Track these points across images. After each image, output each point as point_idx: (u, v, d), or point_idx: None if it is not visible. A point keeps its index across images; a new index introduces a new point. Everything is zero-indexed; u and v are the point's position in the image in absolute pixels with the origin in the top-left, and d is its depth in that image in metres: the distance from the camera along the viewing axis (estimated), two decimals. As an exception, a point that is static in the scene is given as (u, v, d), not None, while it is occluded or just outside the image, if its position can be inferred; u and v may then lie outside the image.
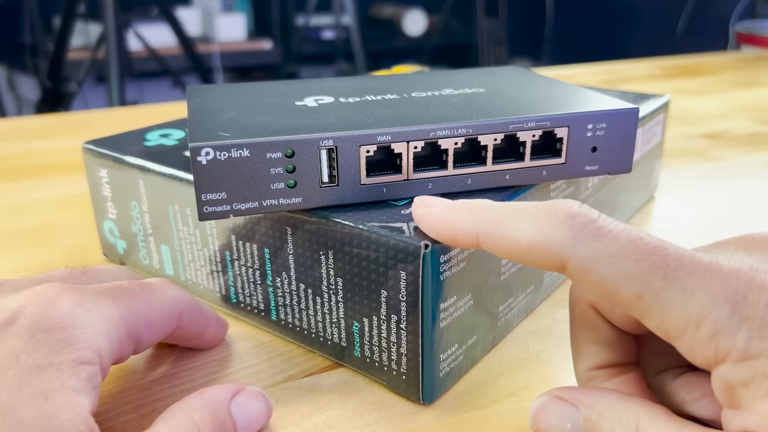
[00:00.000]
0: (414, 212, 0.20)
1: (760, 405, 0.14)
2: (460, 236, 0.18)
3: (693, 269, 0.15)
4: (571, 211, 0.16)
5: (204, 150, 0.19)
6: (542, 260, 0.16)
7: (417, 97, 0.25)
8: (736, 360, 0.14)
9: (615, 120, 0.23)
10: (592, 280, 0.16)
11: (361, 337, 0.22)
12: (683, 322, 0.15)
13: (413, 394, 0.21)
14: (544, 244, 0.16)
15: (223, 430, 0.19)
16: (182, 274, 0.27)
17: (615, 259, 0.15)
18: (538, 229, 0.16)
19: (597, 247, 0.15)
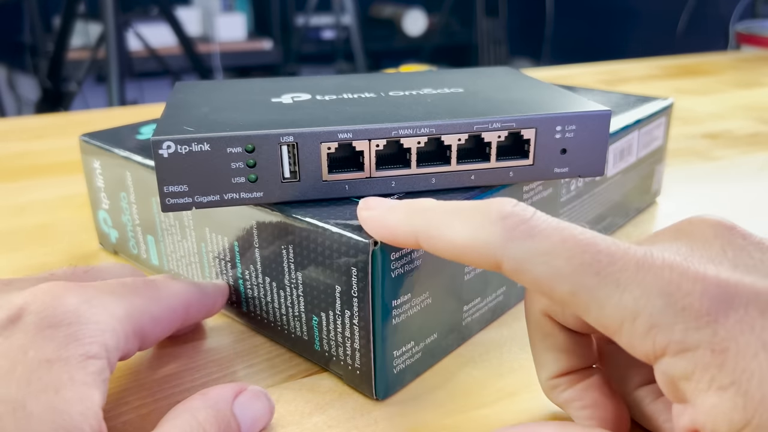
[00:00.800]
0: (358, 215, 0.20)
1: (704, 398, 0.13)
2: (401, 237, 0.18)
3: (625, 264, 0.15)
4: (504, 211, 0.16)
5: (165, 143, 0.20)
6: (477, 260, 0.16)
7: (393, 96, 0.25)
8: (674, 353, 0.14)
9: (585, 122, 0.22)
10: (526, 280, 0.16)
11: (320, 331, 0.22)
12: (618, 317, 0.14)
13: (366, 390, 0.21)
14: (477, 244, 0.16)
15: (227, 430, 0.19)
16: (165, 264, 0.28)
17: (547, 258, 0.15)
18: (472, 230, 0.16)
19: (528, 247, 0.15)
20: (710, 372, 0.13)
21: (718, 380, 0.13)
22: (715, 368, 0.13)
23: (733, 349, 0.13)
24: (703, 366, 0.13)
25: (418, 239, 0.18)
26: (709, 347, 0.13)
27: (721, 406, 0.13)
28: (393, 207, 0.19)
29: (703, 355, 0.13)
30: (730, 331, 0.13)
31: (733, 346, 0.13)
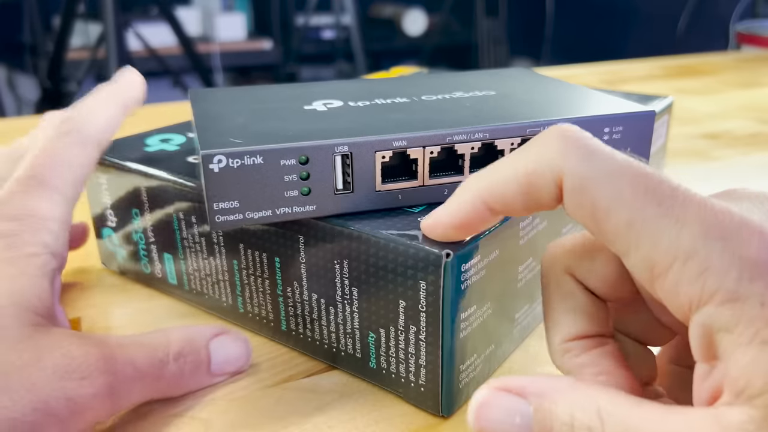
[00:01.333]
0: (423, 227, 0.19)
1: (741, 353, 0.13)
2: (471, 214, 0.17)
3: (687, 200, 0.14)
4: (563, 128, 0.15)
5: (216, 157, 0.19)
6: (543, 187, 0.15)
7: (428, 100, 0.24)
8: (722, 301, 0.13)
9: (631, 123, 0.22)
10: (584, 202, 0.15)
11: (377, 349, 0.21)
12: (671, 254, 0.13)
13: (432, 407, 0.21)
14: (540, 166, 0.15)
15: (193, 353, 0.21)
16: (186, 283, 0.27)
17: (611, 178, 0.14)
18: (532, 154, 0.16)
19: (592, 164, 0.15)
20: (755, 325, 0.13)
21: (762, 334, 0.13)
22: (761, 322, 0.13)
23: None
24: (749, 318, 0.13)
25: (485, 201, 0.17)
26: (760, 299, 0.13)
27: (761, 362, 0.12)
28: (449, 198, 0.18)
29: (752, 307, 0.13)
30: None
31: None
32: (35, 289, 0.19)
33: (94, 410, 0.18)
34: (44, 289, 0.19)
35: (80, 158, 0.22)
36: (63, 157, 0.22)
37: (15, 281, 0.19)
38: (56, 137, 0.22)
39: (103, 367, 0.18)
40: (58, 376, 0.17)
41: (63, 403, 0.17)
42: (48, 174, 0.21)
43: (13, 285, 0.19)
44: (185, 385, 0.21)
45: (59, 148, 0.22)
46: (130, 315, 0.27)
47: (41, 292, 0.19)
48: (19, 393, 0.17)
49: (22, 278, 0.19)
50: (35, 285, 0.19)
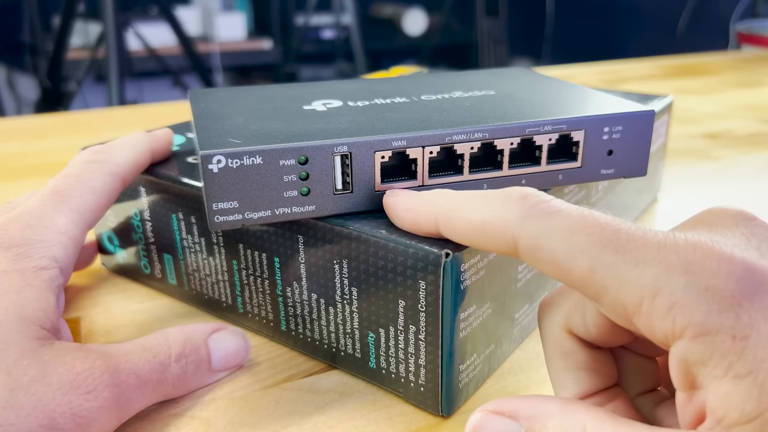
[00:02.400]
0: (384, 201, 0.20)
1: (718, 385, 0.13)
2: (422, 220, 0.19)
3: (646, 242, 0.14)
4: (524, 192, 0.16)
5: (215, 158, 0.19)
6: (495, 239, 0.16)
7: (427, 100, 0.24)
8: (693, 336, 0.13)
9: (631, 122, 0.22)
10: (543, 258, 0.15)
11: (377, 348, 0.21)
12: (638, 294, 0.14)
13: (432, 406, 0.21)
14: (496, 222, 0.16)
15: (194, 353, 0.21)
16: (186, 283, 0.27)
17: (565, 234, 0.15)
18: (491, 209, 0.17)
19: (547, 223, 0.15)
20: (728, 359, 0.13)
21: (736, 368, 0.13)
22: (733, 355, 0.13)
23: (754, 338, 0.13)
24: (722, 352, 0.13)
25: (438, 221, 0.18)
26: (730, 333, 0.13)
27: (736, 395, 0.13)
28: (418, 193, 0.20)
29: (723, 340, 0.13)
30: (753, 318, 0.13)
31: (754, 334, 0.13)
32: (41, 303, 0.19)
33: (100, 423, 0.18)
34: (50, 303, 0.19)
35: (104, 186, 0.23)
36: (88, 182, 0.22)
37: (21, 294, 0.19)
38: (85, 162, 0.23)
39: (107, 380, 0.18)
40: (63, 392, 0.17)
41: (69, 418, 0.17)
42: (71, 193, 0.22)
43: (19, 297, 0.19)
44: (188, 384, 0.22)
45: (86, 172, 0.23)
46: (130, 315, 0.27)
47: (47, 306, 0.19)
48: (25, 410, 0.17)
49: (29, 291, 0.19)
50: (41, 298, 0.19)
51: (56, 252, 0.20)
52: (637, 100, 0.35)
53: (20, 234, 0.20)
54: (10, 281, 0.19)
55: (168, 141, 0.27)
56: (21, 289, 0.19)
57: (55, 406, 0.17)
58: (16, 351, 0.18)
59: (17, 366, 0.17)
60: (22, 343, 0.18)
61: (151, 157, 0.25)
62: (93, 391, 0.18)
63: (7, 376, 0.17)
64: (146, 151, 0.25)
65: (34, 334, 0.18)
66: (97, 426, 0.18)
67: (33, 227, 0.21)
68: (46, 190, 0.22)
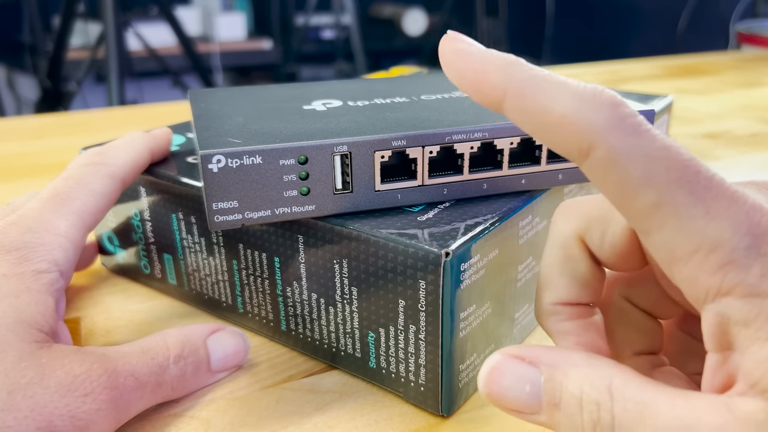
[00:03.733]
0: (441, 48, 0.17)
1: (758, 348, 0.13)
2: (488, 86, 0.16)
3: (721, 193, 0.14)
4: (615, 99, 0.15)
5: (215, 157, 0.19)
6: (569, 138, 0.15)
7: (427, 100, 0.24)
8: (742, 294, 0.13)
9: None
10: (612, 177, 0.14)
11: (377, 348, 0.21)
12: (696, 243, 0.13)
13: (432, 406, 0.21)
14: (579, 120, 0.14)
15: (193, 354, 0.21)
16: (186, 283, 0.27)
17: (646, 159, 0.14)
18: (577, 103, 0.14)
19: (632, 142, 0.14)
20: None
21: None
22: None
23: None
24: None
25: (507, 94, 0.15)
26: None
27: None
28: (488, 50, 0.16)
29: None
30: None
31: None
32: (39, 306, 0.19)
33: (98, 425, 0.18)
34: (49, 307, 0.19)
35: (104, 188, 0.23)
36: (87, 184, 0.22)
37: (20, 297, 0.19)
38: (85, 165, 0.23)
39: (105, 382, 0.18)
40: (61, 394, 0.17)
41: (67, 421, 0.17)
42: (71, 195, 0.22)
43: (18, 301, 0.19)
44: (188, 386, 0.21)
45: (86, 174, 0.23)
46: (130, 315, 0.27)
47: (45, 310, 0.19)
48: (23, 412, 0.17)
49: (28, 294, 0.19)
50: (40, 302, 0.19)
51: (56, 255, 0.20)
52: (637, 100, 0.35)
53: (21, 237, 0.20)
54: (9, 285, 0.19)
55: (167, 140, 0.26)
56: (20, 293, 0.19)
57: (53, 409, 0.17)
58: (14, 353, 0.18)
59: (15, 368, 0.17)
60: (19, 345, 0.18)
61: (150, 158, 0.25)
62: (91, 393, 0.18)
63: (5, 378, 0.17)
64: (145, 152, 0.25)
65: (32, 337, 0.18)
66: (95, 428, 0.18)
67: (33, 230, 0.20)
68: (46, 193, 0.22)
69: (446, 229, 0.20)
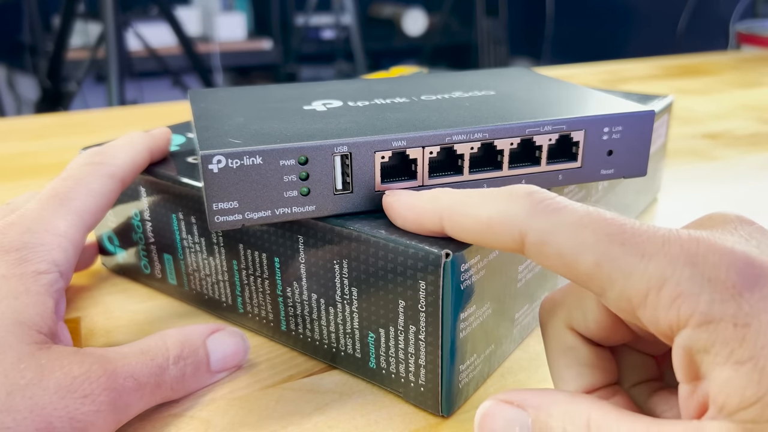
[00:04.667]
0: (384, 201, 0.20)
1: (720, 372, 0.13)
2: (426, 219, 0.19)
3: (650, 237, 0.15)
4: (529, 189, 0.17)
5: (215, 158, 0.19)
6: (502, 236, 0.17)
7: (427, 100, 0.24)
8: (697, 324, 0.14)
9: (631, 123, 0.22)
10: (550, 253, 0.16)
11: (377, 349, 0.21)
12: (644, 286, 0.14)
13: (432, 407, 0.21)
14: (503, 218, 0.16)
15: (192, 355, 0.21)
16: (186, 283, 0.27)
17: (572, 228, 0.15)
18: (497, 205, 0.17)
19: (554, 219, 0.16)
20: (730, 346, 0.13)
21: (737, 354, 0.13)
22: (735, 342, 0.13)
23: (755, 326, 0.13)
24: (724, 339, 0.13)
25: (443, 220, 0.18)
26: (732, 321, 0.13)
27: (736, 380, 0.13)
28: (419, 192, 0.20)
29: (725, 328, 0.13)
30: (754, 307, 0.13)
31: (755, 322, 0.13)
32: (38, 308, 0.19)
33: (97, 427, 0.18)
34: (48, 308, 0.19)
35: (103, 187, 0.23)
36: (87, 184, 0.22)
37: (19, 298, 0.19)
38: (84, 164, 0.23)
39: (104, 383, 0.18)
40: (60, 396, 0.17)
41: (66, 422, 0.17)
42: (70, 195, 0.22)
43: (17, 302, 0.19)
44: (187, 386, 0.21)
45: (85, 174, 0.23)
46: (130, 315, 0.27)
47: (44, 311, 0.19)
48: (22, 413, 0.17)
49: (27, 296, 0.19)
50: (39, 303, 0.19)
51: (56, 256, 0.20)
52: (637, 100, 0.35)
53: (20, 238, 0.20)
54: (8, 286, 0.19)
55: (166, 140, 0.26)
56: (19, 294, 0.19)
57: (52, 410, 0.17)
58: (13, 354, 0.18)
59: (14, 369, 0.17)
60: (18, 347, 0.18)
61: (149, 157, 0.25)
62: (90, 395, 0.18)
63: (4, 379, 0.17)
64: (145, 152, 0.25)
65: (31, 338, 0.18)
66: (94, 430, 0.18)
67: (33, 231, 0.20)
68: (45, 193, 0.22)
69: (446, 229, 0.20)
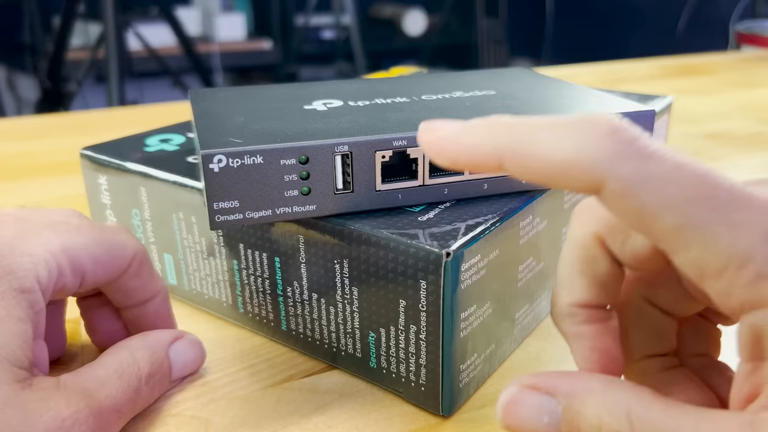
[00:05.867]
0: (421, 140, 0.16)
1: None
2: (481, 158, 0.15)
3: (745, 204, 0.13)
4: (614, 125, 0.14)
5: (216, 157, 0.19)
6: (577, 181, 0.14)
7: (428, 100, 0.25)
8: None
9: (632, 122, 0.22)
10: (629, 207, 0.14)
11: (378, 348, 0.21)
12: (724, 260, 0.13)
13: (432, 406, 0.21)
14: (582, 161, 0.14)
15: (160, 370, 0.21)
16: (186, 283, 0.27)
17: (660, 183, 0.13)
18: (576, 143, 0.14)
19: (641, 169, 0.13)
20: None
21: None
22: None
23: None
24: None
25: (503, 159, 0.15)
26: None
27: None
28: (467, 125, 0.16)
29: None
30: None
31: None
32: (19, 339, 0.18)
33: None
34: (28, 337, 0.18)
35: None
36: None
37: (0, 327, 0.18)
38: None
39: (93, 424, 0.18)
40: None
41: None
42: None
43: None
44: (152, 399, 0.22)
45: None
46: (129, 315, 0.27)
47: (24, 341, 0.18)
48: None
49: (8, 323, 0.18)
50: (19, 333, 0.18)
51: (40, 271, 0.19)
52: (637, 100, 0.35)
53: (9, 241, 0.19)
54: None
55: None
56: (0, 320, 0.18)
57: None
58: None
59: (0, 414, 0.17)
60: (2, 388, 0.17)
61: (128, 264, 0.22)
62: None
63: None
64: None
65: (13, 376, 0.17)
66: None
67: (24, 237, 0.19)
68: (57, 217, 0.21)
69: (447, 229, 0.20)
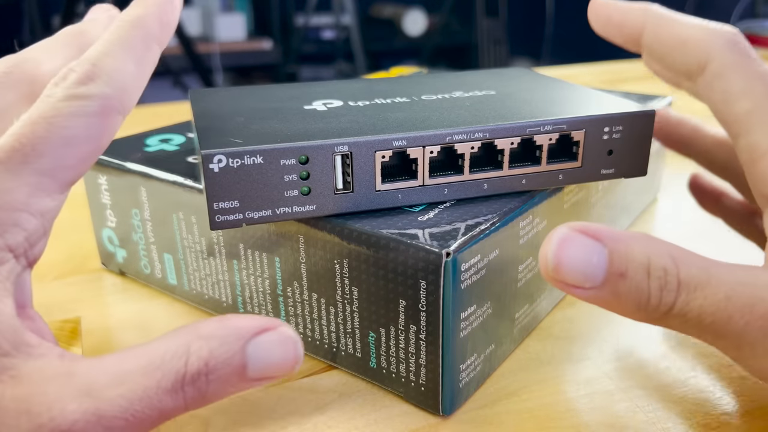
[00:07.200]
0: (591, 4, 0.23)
1: None
2: (630, 21, 0.22)
3: None
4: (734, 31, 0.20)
5: (216, 157, 0.19)
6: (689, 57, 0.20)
7: (428, 100, 0.25)
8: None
9: (631, 122, 0.23)
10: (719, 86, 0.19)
11: (378, 348, 0.21)
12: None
13: (432, 406, 0.21)
14: (702, 41, 0.19)
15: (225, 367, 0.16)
16: (186, 283, 0.27)
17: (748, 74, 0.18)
18: (702, 29, 0.20)
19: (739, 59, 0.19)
20: None
21: None
22: None
23: None
24: None
25: (646, 27, 0.21)
26: None
27: None
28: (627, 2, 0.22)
29: None
30: None
31: None
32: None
33: None
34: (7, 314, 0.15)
35: (91, 131, 0.17)
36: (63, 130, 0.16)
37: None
38: (62, 99, 0.17)
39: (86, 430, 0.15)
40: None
41: None
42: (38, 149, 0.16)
43: None
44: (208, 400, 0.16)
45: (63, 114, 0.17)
46: (130, 315, 0.27)
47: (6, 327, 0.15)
48: None
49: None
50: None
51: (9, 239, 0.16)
52: (637, 100, 0.35)
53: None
54: None
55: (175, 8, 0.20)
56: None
57: None
58: None
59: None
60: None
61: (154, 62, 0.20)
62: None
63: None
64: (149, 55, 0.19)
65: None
66: None
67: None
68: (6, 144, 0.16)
69: (447, 229, 0.20)
